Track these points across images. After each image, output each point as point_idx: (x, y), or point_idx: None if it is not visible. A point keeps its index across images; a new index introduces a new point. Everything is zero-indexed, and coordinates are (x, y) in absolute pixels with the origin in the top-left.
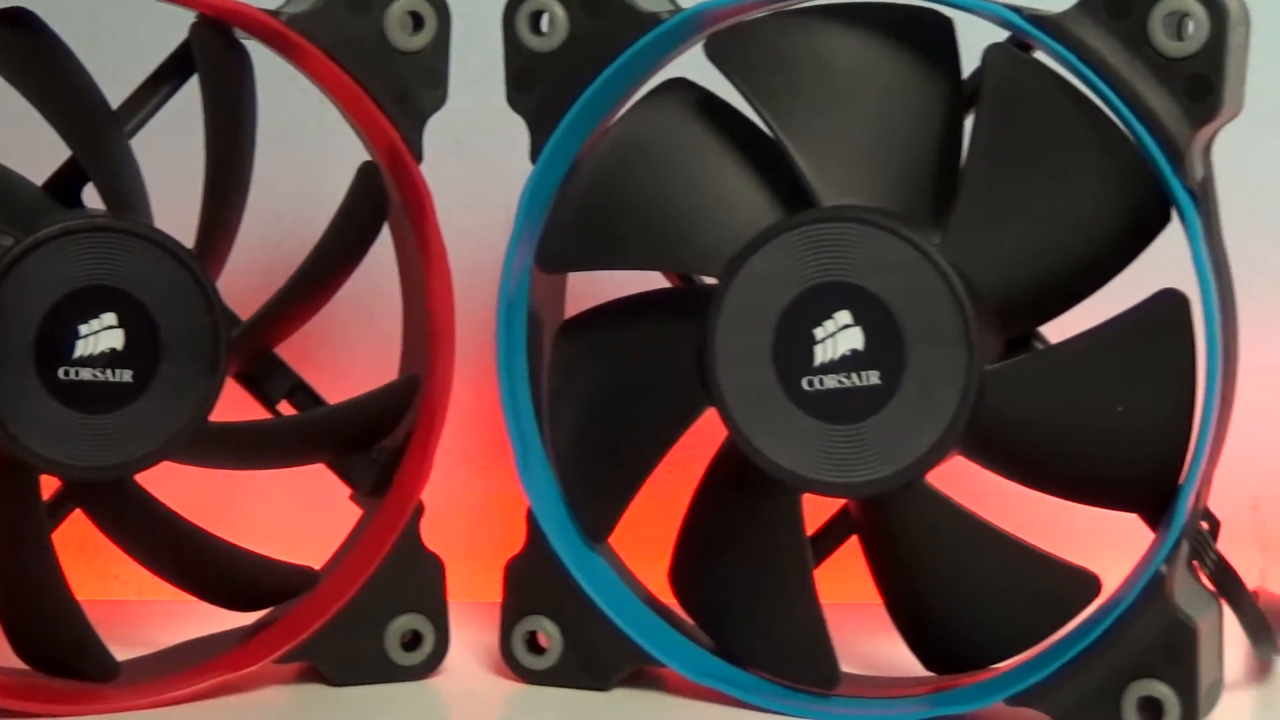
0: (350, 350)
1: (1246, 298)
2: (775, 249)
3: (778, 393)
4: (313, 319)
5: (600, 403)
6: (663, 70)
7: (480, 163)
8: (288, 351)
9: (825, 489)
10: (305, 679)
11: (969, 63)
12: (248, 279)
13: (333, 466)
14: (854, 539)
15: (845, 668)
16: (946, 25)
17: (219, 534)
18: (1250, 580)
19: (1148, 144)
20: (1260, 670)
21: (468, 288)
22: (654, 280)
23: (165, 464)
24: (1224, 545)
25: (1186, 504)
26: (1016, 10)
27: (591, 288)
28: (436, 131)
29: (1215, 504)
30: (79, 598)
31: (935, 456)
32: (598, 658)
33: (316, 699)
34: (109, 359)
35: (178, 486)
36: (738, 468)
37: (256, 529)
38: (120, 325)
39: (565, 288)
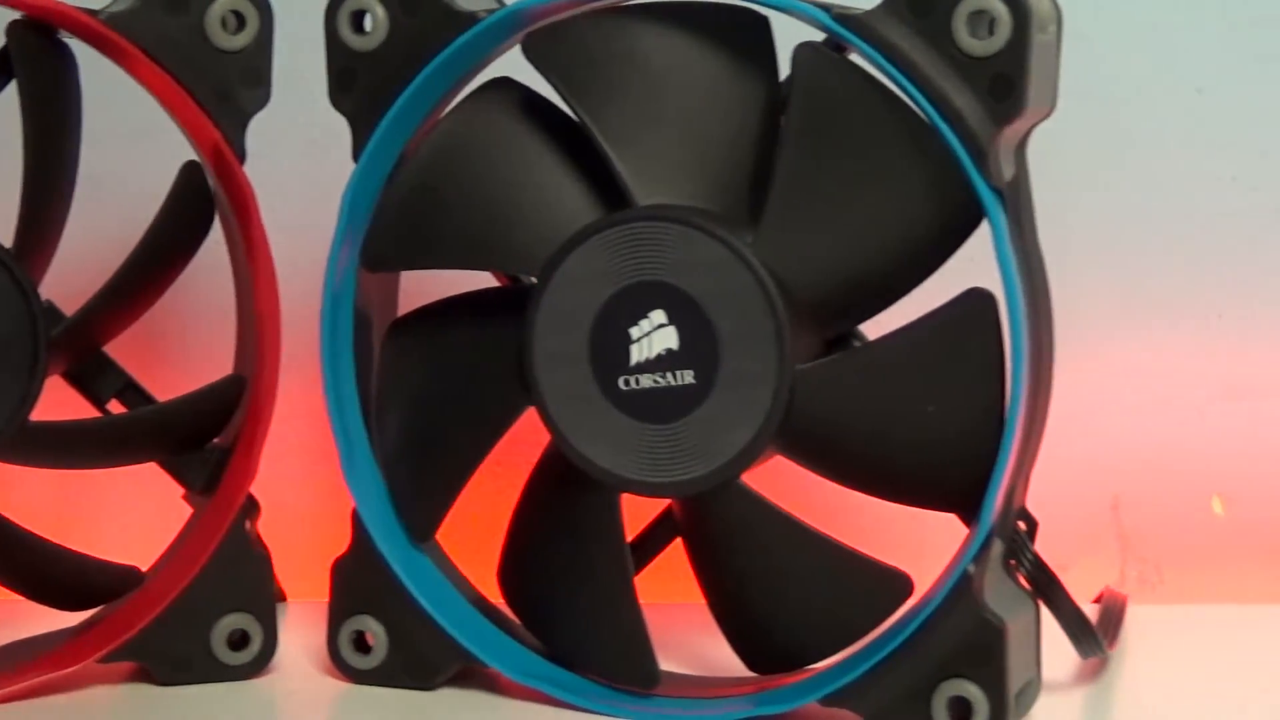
0: (192, 349)
1: (1103, 302)
2: (591, 249)
3: (595, 392)
4: (156, 318)
5: (425, 402)
6: (491, 68)
7: (324, 163)
8: (128, 350)
9: (642, 488)
10: (133, 679)
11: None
12: (99, 280)
13: (165, 466)
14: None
15: (675, 668)
16: (763, 24)
17: (75, 532)
18: (1108, 579)
19: (952, 143)
20: (1092, 670)
21: (303, 287)
22: (491, 280)
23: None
24: (1084, 544)
25: (994, 504)
26: (825, 9)
27: (432, 287)
28: (285, 131)
29: (1076, 504)
30: None
31: (749, 456)
32: (423, 657)
33: (143, 698)
34: None
35: (33, 487)
36: (560, 468)
37: (106, 529)
38: None
39: (398, 287)
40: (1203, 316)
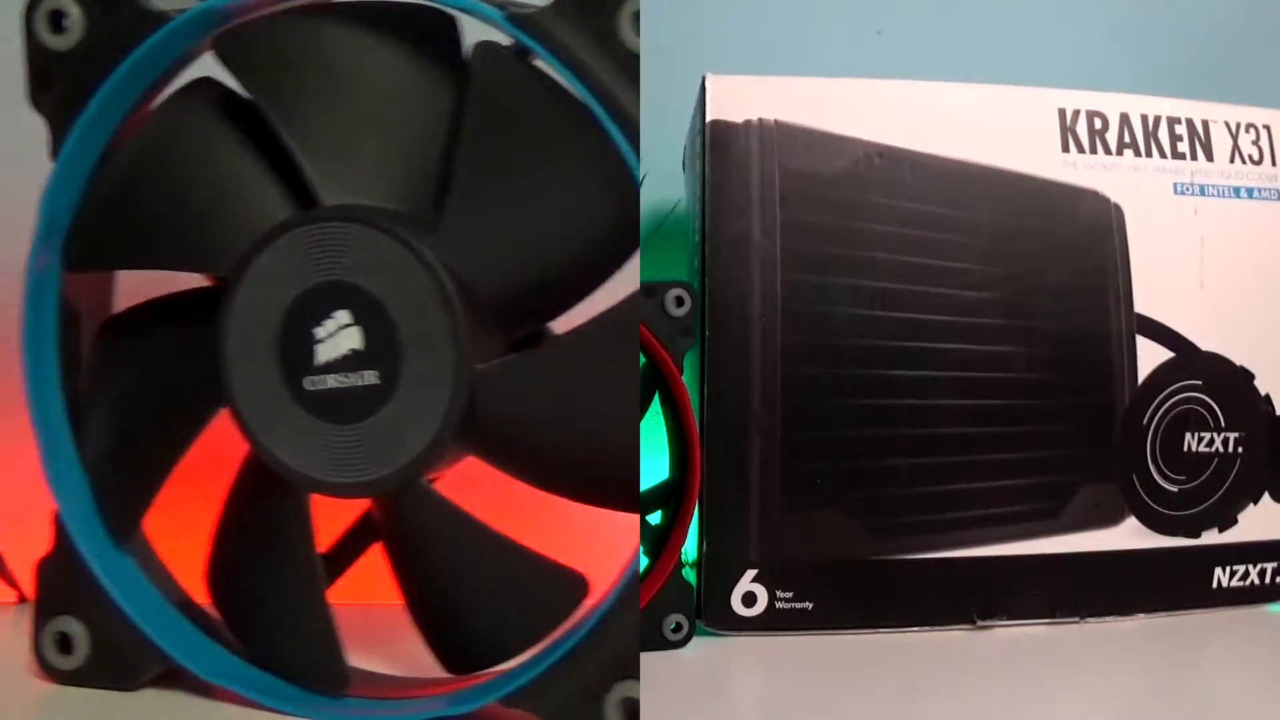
0: None
1: None
2: (278, 249)
3: (283, 392)
4: None
5: (127, 403)
6: (199, 68)
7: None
8: None
9: (328, 489)
10: None
11: None
12: None
13: None
14: None
15: (384, 668)
16: (449, 23)
17: None
18: None
19: (619, 142)
20: None
21: (13, 287)
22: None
23: None
24: None
25: None
26: (502, 8)
27: (159, 286)
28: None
29: None
30: None
31: (432, 456)
32: (123, 658)
33: None
34: None
35: None
36: (256, 468)
37: None
38: None
39: (111, 287)
40: None
